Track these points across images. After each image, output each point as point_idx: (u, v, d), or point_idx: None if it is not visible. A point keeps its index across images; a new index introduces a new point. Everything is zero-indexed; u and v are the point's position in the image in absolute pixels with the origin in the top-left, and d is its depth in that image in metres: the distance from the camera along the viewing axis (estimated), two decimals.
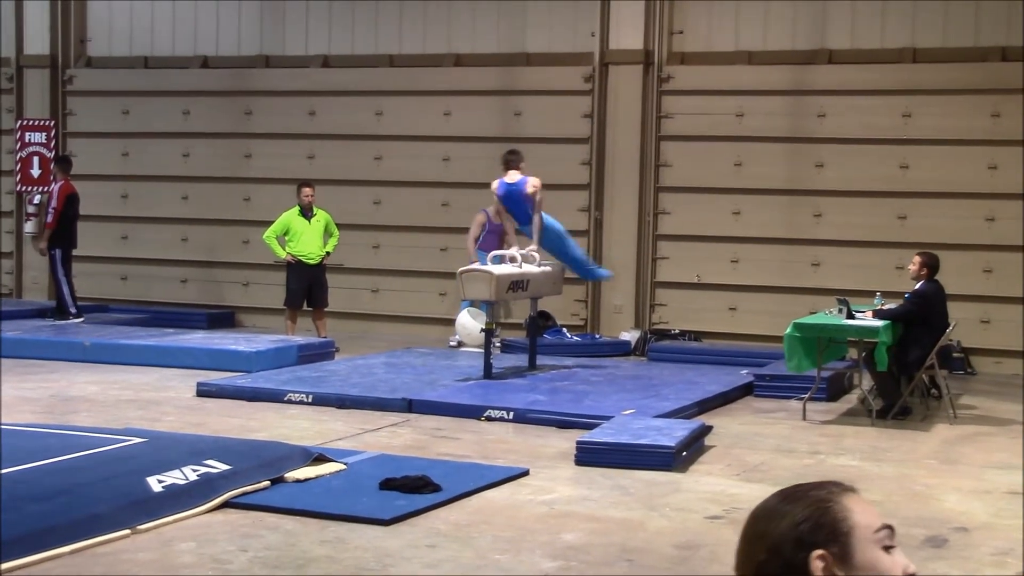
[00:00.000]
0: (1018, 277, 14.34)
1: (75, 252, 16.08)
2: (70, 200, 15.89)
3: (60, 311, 15.74)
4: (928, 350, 10.82)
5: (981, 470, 8.95)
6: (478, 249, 14.82)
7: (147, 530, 6.69)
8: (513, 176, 13.03)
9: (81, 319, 15.63)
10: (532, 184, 12.87)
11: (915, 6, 14.83)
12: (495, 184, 13.13)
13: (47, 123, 18.40)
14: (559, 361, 13.55)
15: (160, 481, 7.15)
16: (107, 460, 7.68)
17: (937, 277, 11.21)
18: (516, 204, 13.07)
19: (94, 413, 10.36)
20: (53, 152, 18.02)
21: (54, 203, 15.78)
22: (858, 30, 15.07)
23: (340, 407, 10.80)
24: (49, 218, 15.85)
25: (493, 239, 14.76)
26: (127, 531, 6.61)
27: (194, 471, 7.39)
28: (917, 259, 11.27)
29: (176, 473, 7.30)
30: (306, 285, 14.96)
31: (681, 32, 15.71)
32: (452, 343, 15.03)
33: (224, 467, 7.54)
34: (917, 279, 11.21)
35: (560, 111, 16.00)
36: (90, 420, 9.91)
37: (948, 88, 14.62)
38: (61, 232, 15.80)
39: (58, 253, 15.77)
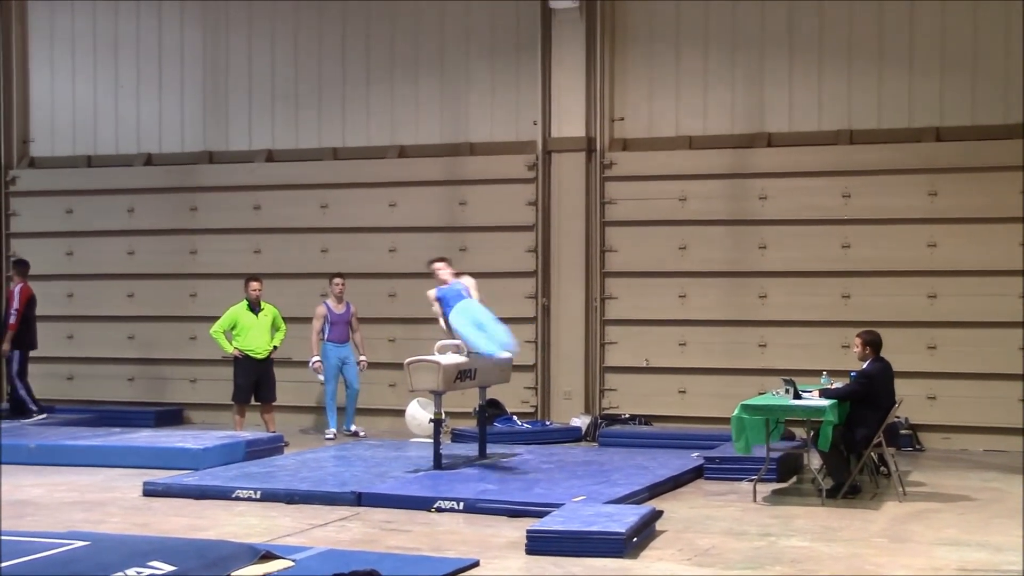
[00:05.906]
0: (962, 353, 14.49)
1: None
2: (30, 302, 16.14)
3: (20, 412, 15.88)
4: (875, 428, 10.88)
5: (930, 547, 8.97)
6: (326, 341, 15.11)
7: None
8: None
9: (45, 415, 15.84)
10: (468, 281, 12.79)
11: (850, 89, 15.10)
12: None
13: None
14: (510, 449, 13.51)
15: None
16: (48, 565, 7.52)
17: (883, 354, 11.29)
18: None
19: (38, 517, 10.19)
20: None
21: (16, 304, 15.99)
22: (796, 113, 15.32)
23: (289, 502, 10.69)
24: (12, 319, 16.02)
25: (340, 329, 15.37)
26: None
27: (138, 573, 7.26)
28: (858, 340, 11.38)
29: None
30: (254, 380, 14.94)
31: (622, 119, 15.90)
32: (328, 436, 15.21)
33: (168, 568, 7.41)
34: (863, 359, 11.29)
35: (505, 199, 16.10)
36: (33, 524, 9.73)
37: (885, 168, 14.86)
38: (22, 334, 16.01)
39: (17, 355, 16.04)
